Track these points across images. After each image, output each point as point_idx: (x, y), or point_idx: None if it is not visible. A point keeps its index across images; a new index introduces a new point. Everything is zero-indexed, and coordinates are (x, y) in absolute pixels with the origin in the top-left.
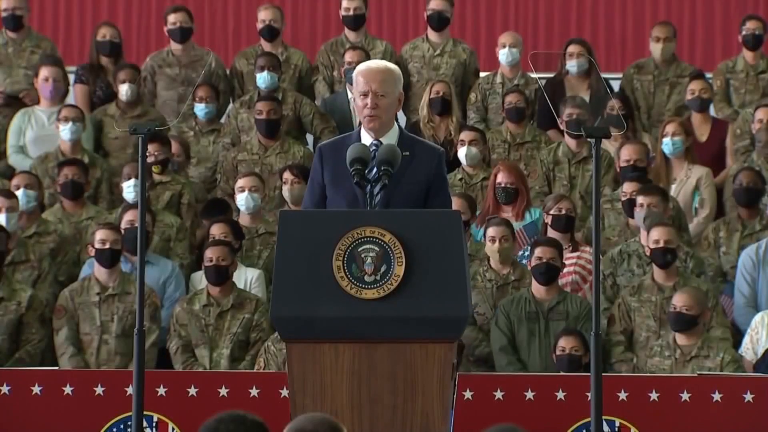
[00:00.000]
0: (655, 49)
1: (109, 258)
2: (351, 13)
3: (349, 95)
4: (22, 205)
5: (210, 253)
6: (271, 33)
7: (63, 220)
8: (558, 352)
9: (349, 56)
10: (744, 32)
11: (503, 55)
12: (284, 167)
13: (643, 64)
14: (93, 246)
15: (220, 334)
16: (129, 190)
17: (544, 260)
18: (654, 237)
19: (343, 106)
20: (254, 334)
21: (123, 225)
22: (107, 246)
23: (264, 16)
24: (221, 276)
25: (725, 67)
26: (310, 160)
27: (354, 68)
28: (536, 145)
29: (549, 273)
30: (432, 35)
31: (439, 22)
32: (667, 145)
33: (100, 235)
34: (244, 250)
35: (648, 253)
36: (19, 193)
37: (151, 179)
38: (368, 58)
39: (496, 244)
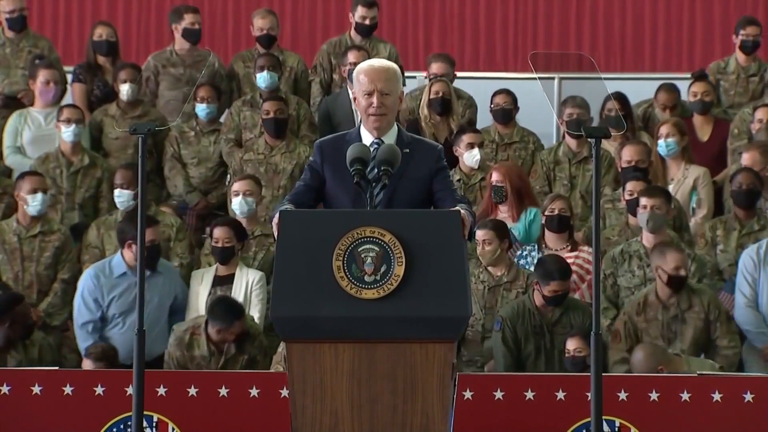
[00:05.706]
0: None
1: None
2: (367, 22)
3: (350, 94)
4: (36, 208)
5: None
6: (269, 41)
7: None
8: (564, 355)
9: (352, 56)
10: (743, 37)
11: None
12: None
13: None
14: None
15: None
16: (121, 199)
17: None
18: (667, 265)
19: (345, 105)
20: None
21: None
22: None
23: (261, 24)
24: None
25: (717, 67)
26: None
27: None
28: (524, 145)
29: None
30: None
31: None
32: (661, 146)
33: None
34: (239, 252)
35: (659, 273)
36: (37, 196)
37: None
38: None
39: (479, 247)
